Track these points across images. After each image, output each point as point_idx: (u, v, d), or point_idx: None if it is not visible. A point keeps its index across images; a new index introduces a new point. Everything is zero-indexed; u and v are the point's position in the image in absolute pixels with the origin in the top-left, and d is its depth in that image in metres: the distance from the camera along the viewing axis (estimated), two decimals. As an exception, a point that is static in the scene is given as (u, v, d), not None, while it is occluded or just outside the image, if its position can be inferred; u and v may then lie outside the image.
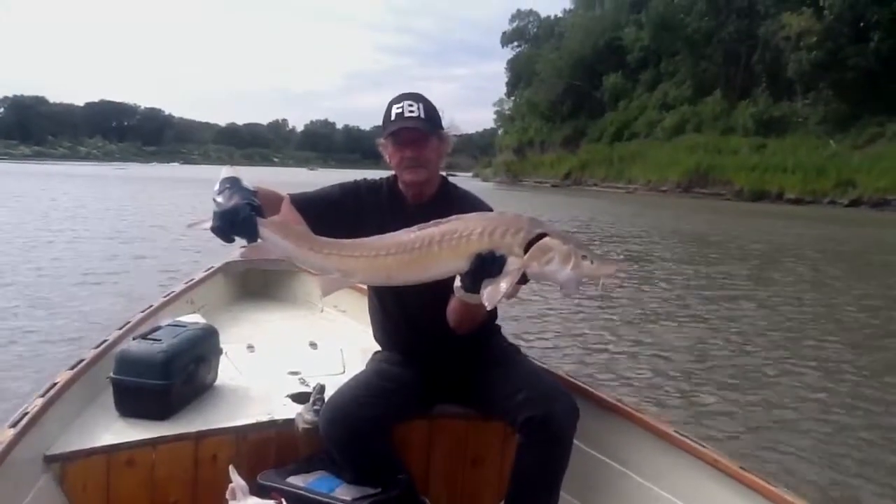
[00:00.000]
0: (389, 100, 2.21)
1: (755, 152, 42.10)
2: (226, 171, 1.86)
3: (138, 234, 14.09)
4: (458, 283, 1.83)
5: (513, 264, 1.72)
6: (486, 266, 1.72)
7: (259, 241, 1.81)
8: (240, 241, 1.86)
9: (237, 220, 1.76)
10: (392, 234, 1.81)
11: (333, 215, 2.16)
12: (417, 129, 2.14)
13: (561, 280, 1.70)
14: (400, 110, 2.13)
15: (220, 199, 1.79)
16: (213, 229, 1.79)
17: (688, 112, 50.34)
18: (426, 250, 1.75)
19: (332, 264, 1.84)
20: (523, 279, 1.75)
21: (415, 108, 2.14)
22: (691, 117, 49.81)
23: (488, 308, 1.77)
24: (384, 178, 2.35)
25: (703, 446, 2.08)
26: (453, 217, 1.79)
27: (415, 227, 1.79)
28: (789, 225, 23.03)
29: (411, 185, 2.21)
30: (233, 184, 1.81)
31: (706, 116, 48.82)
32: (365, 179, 2.36)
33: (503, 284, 1.72)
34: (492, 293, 1.73)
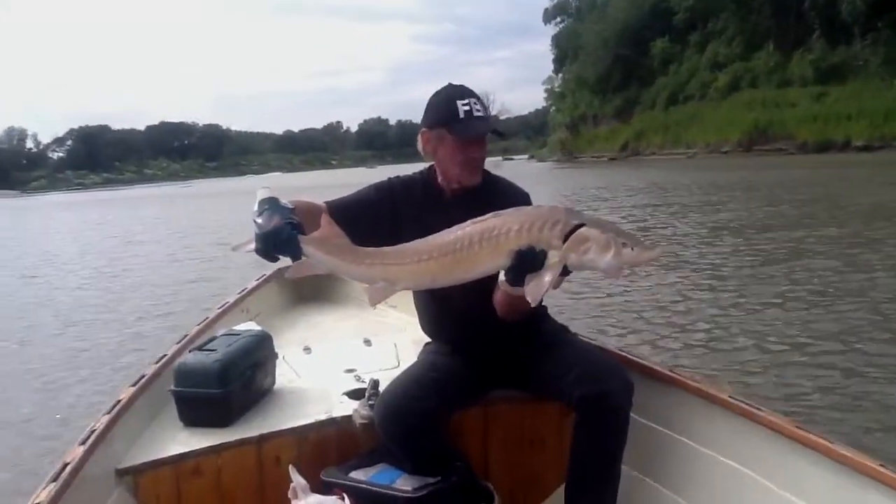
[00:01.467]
0: (441, 91, 2.18)
1: (816, 102, 40.58)
2: (262, 193, 1.86)
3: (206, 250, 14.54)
4: (502, 277, 1.85)
5: (553, 258, 1.72)
6: (527, 261, 1.73)
7: (302, 258, 1.84)
8: (284, 259, 1.87)
9: (279, 240, 1.78)
10: (432, 237, 1.83)
11: (371, 218, 2.19)
12: (487, 131, 2.16)
13: (602, 268, 1.71)
14: (468, 108, 2.10)
15: (260, 221, 1.80)
16: (257, 251, 1.81)
17: (740, 69, 48.75)
18: (467, 251, 1.76)
19: (376, 274, 1.86)
20: (565, 271, 1.75)
21: (480, 107, 2.12)
22: (745, 74, 48.23)
23: (533, 305, 1.80)
24: (418, 173, 2.35)
25: (760, 409, 2.05)
26: (490, 214, 1.79)
27: (454, 228, 1.80)
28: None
29: (468, 184, 2.20)
30: (271, 204, 1.82)
31: (760, 71, 47.23)
32: (398, 177, 2.36)
33: (546, 279, 1.73)
34: (535, 289, 1.74)
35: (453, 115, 2.11)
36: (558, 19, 78.80)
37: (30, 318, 8.58)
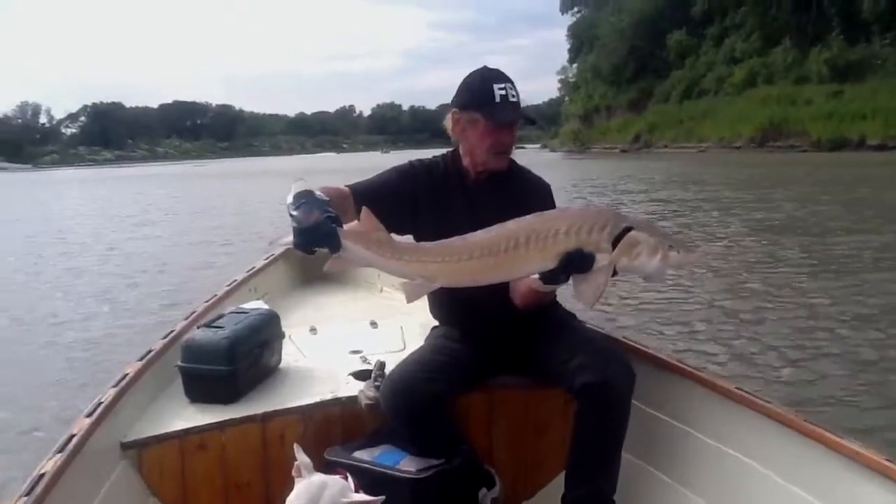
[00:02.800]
0: (477, 72, 2.17)
1: (831, 100, 40.42)
2: (297, 186, 1.81)
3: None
4: (536, 275, 1.83)
5: (602, 261, 1.70)
6: (575, 264, 1.71)
7: (342, 251, 1.81)
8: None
9: (319, 235, 1.76)
10: (472, 235, 1.78)
11: (395, 202, 2.17)
12: (520, 118, 2.15)
13: (649, 272, 1.70)
14: (503, 92, 2.08)
15: (297, 214, 1.75)
16: (296, 245, 1.78)
17: (757, 64, 48.65)
18: (513, 253, 1.73)
19: (415, 270, 1.83)
20: (613, 273, 1.74)
21: (514, 92, 2.10)
22: (761, 69, 48.12)
23: (589, 308, 1.78)
24: (440, 156, 2.33)
25: (766, 401, 2.04)
26: (533, 215, 1.77)
27: (494, 228, 1.76)
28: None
29: (494, 169, 2.20)
30: (307, 197, 1.77)
31: (777, 67, 47.08)
32: (419, 160, 2.34)
33: (599, 283, 1.72)
34: (590, 294, 1.73)
35: (488, 98, 2.09)
36: (576, 9, 78.59)
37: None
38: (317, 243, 1.78)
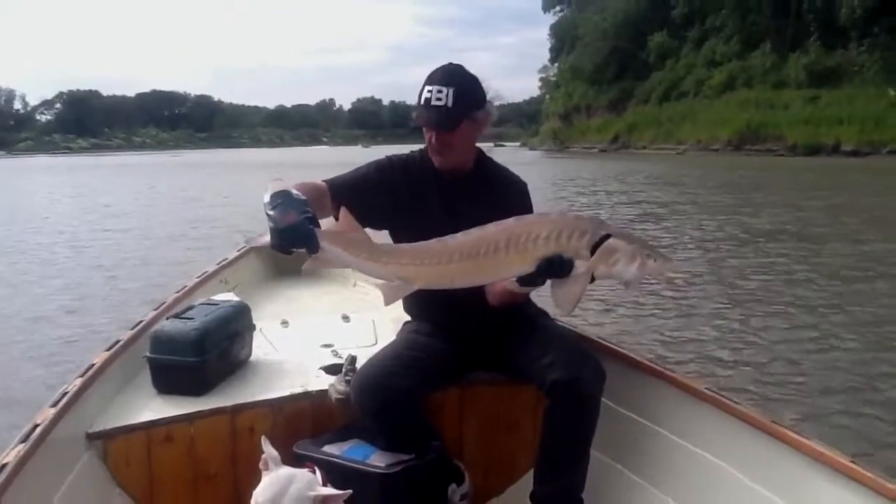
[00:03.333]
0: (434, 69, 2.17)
1: (808, 105, 40.81)
2: (274, 185, 1.81)
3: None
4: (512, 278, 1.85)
5: (581, 267, 1.73)
6: (554, 269, 1.73)
7: (320, 252, 1.81)
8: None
9: (297, 236, 1.75)
10: (451, 238, 1.79)
11: (372, 197, 2.18)
12: (432, 123, 2.14)
13: (627, 279, 1.73)
14: (429, 95, 2.10)
15: (274, 214, 1.74)
16: (273, 246, 1.78)
17: (736, 68, 48.94)
18: (492, 256, 1.75)
19: (393, 272, 1.84)
20: (591, 279, 1.77)
21: (443, 94, 2.09)
22: (740, 73, 48.41)
23: (566, 314, 1.83)
24: (417, 151, 2.34)
25: (734, 401, 2.08)
26: (511, 219, 1.78)
27: (474, 231, 1.77)
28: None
29: (439, 166, 2.23)
30: (284, 198, 1.77)
31: (756, 71, 47.37)
32: (396, 155, 2.35)
33: (577, 289, 1.75)
34: (568, 300, 1.76)
35: (418, 98, 2.14)
36: (558, 8, 78.73)
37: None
38: (294, 244, 1.77)
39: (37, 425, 1.87)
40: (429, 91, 2.10)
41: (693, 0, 53.11)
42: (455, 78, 2.13)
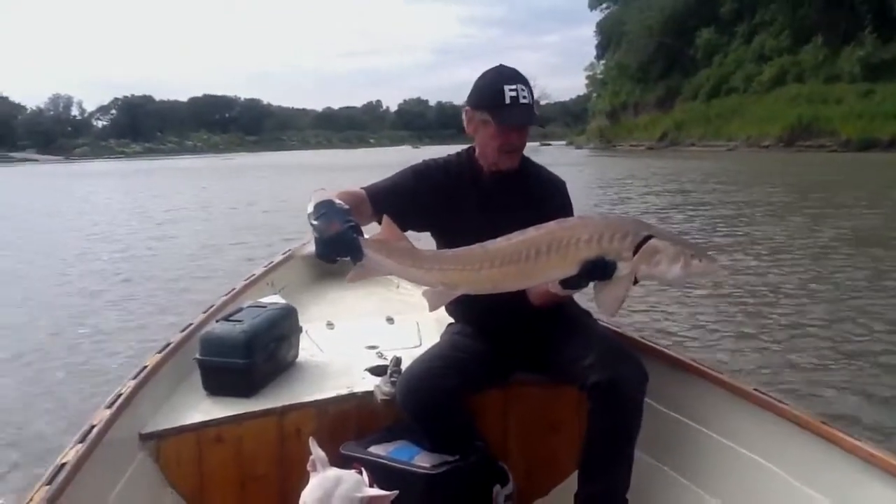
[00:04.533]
0: (491, 71, 2.18)
1: (863, 99, 39.73)
2: (317, 195, 1.84)
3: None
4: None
5: (623, 269, 1.73)
6: (597, 272, 1.73)
7: (364, 261, 1.84)
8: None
9: (341, 245, 1.79)
10: (493, 243, 1.80)
11: (410, 203, 2.20)
12: (529, 122, 2.17)
13: (670, 280, 1.74)
14: (514, 93, 2.09)
15: (318, 224, 1.78)
16: (318, 255, 1.82)
17: (787, 62, 47.80)
18: (534, 260, 1.75)
19: (436, 279, 1.85)
20: (634, 281, 1.77)
21: (527, 93, 2.11)
22: (791, 67, 47.31)
23: (610, 318, 1.84)
24: (454, 154, 2.37)
25: (783, 402, 2.05)
26: (553, 223, 1.78)
27: (515, 235, 1.78)
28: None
29: (504, 168, 2.22)
30: (328, 208, 1.80)
31: (807, 65, 46.24)
32: (434, 159, 2.37)
33: (620, 291, 1.76)
34: (611, 302, 1.77)
35: (498, 99, 2.10)
36: (604, 5, 78.00)
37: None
38: (339, 253, 1.81)
39: (93, 426, 1.93)
40: (512, 90, 2.10)
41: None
42: (522, 77, 2.16)
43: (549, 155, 44.98)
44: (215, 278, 8.11)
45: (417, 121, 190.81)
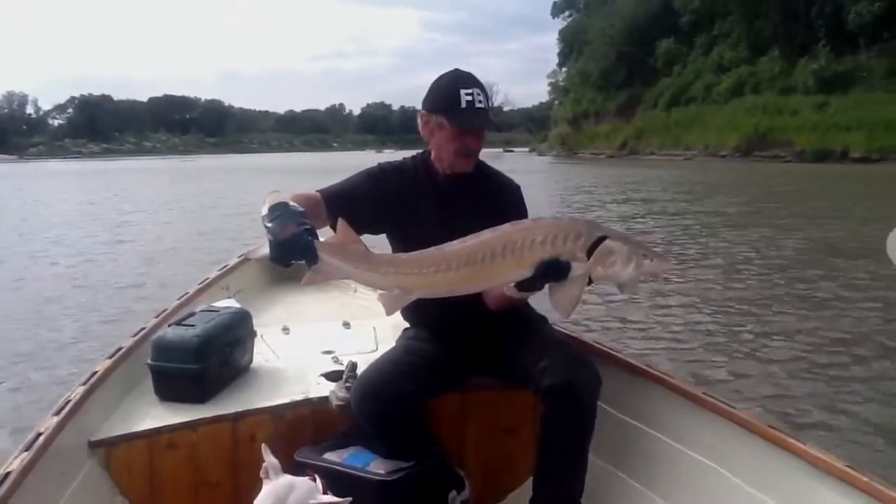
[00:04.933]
0: (447, 75, 2.20)
1: (817, 111, 40.62)
2: (272, 197, 1.83)
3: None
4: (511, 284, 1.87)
5: (578, 269, 1.75)
6: (552, 273, 1.75)
7: (319, 264, 1.83)
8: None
9: (296, 248, 1.78)
10: (448, 246, 1.81)
11: (366, 206, 2.20)
12: (485, 125, 2.19)
13: (624, 280, 1.75)
14: (470, 97, 2.11)
15: (272, 227, 1.77)
16: (273, 259, 1.81)
17: (745, 73, 48.69)
18: (489, 262, 1.76)
19: (392, 282, 1.86)
20: (588, 282, 1.79)
21: (482, 97, 2.13)
22: (748, 78, 48.19)
23: (565, 318, 1.85)
24: (409, 158, 2.36)
25: (733, 407, 2.09)
26: (507, 225, 1.80)
27: (470, 238, 1.79)
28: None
29: (460, 172, 2.24)
30: (283, 210, 1.79)
31: (764, 77, 47.10)
32: (389, 162, 2.38)
33: (575, 292, 1.77)
34: (566, 303, 1.78)
35: (454, 103, 2.12)
36: (567, 13, 78.69)
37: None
38: (294, 256, 1.80)
39: (40, 434, 1.89)
40: (468, 94, 2.12)
41: (701, 6, 52.90)
42: (478, 81, 2.17)
43: (512, 161, 45.18)
44: (171, 284, 7.96)
45: (381, 125, 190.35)
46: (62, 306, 7.69)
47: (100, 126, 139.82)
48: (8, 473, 1.69)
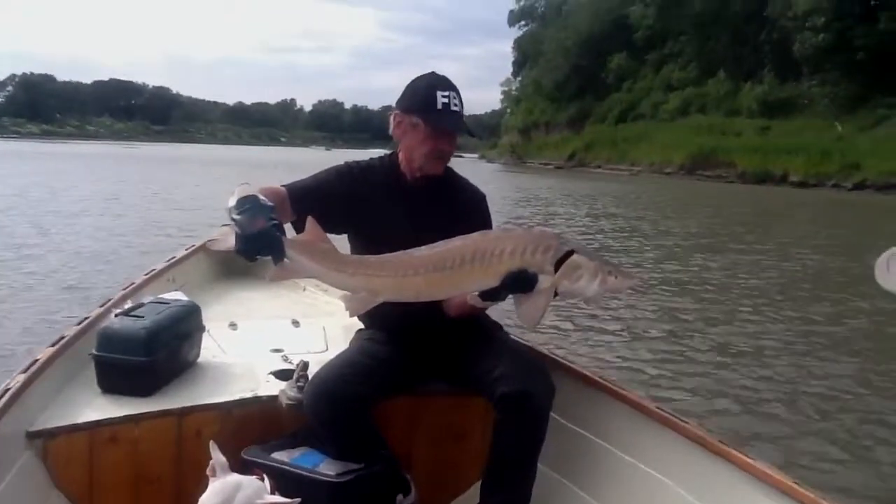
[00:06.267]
0: (424, 77, 2.20)
1: (760, 134, 41.74)
2: (242, 189, 1.80)
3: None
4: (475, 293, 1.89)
5: (544, 282, 1.77)
6: (519, 284, 1.77)
7: (286, 261, 1.81)
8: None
9: (265, 243, 1.76)
10: (417, 251, 1.82)
11: (331, 203, 2.18)
12: (461, 128, 2.19)
13: (589, 295, 1.79)
14: (446, 100, 2.12)
15: (240, 219, 1.74)
16: (238, 252, 1.78)
17: (692, 93, 49.85)
18: (458, 269, 1.77)
19: (359, 284, 1.85)
20: (553, 295, 1.81)
21: (458, 101, 2.15)
22: (695, 99, 49.34)
23: (531, 329, 1.89)
24: (377, 158, 2.36)
25: (684, 421, 2.11)
26: (477, 234, 1.82)
27: (439, 244, 1.81)
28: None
29: (430, 174, 2.23)
30: (253, 203, 1.77)
31: (711, 98, 48.31)
32: (357, 162, 2.36)
33: (541, 303, 1.79)
34: (531, 314, 1.81)
35: (431, 104, 2.13)
36: (523, 23, 79.33)
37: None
38: (260, 251, 1.77)
39: None
40: (444, 96, 2.12)
41: (654, 24, 53.96)
42: (454, 85, 2.18)
43: (461, 167, 45.07)
44: (117, 273, 7.80)
45: (332, 123, 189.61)
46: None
47: (41, 106, 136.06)
48: None
